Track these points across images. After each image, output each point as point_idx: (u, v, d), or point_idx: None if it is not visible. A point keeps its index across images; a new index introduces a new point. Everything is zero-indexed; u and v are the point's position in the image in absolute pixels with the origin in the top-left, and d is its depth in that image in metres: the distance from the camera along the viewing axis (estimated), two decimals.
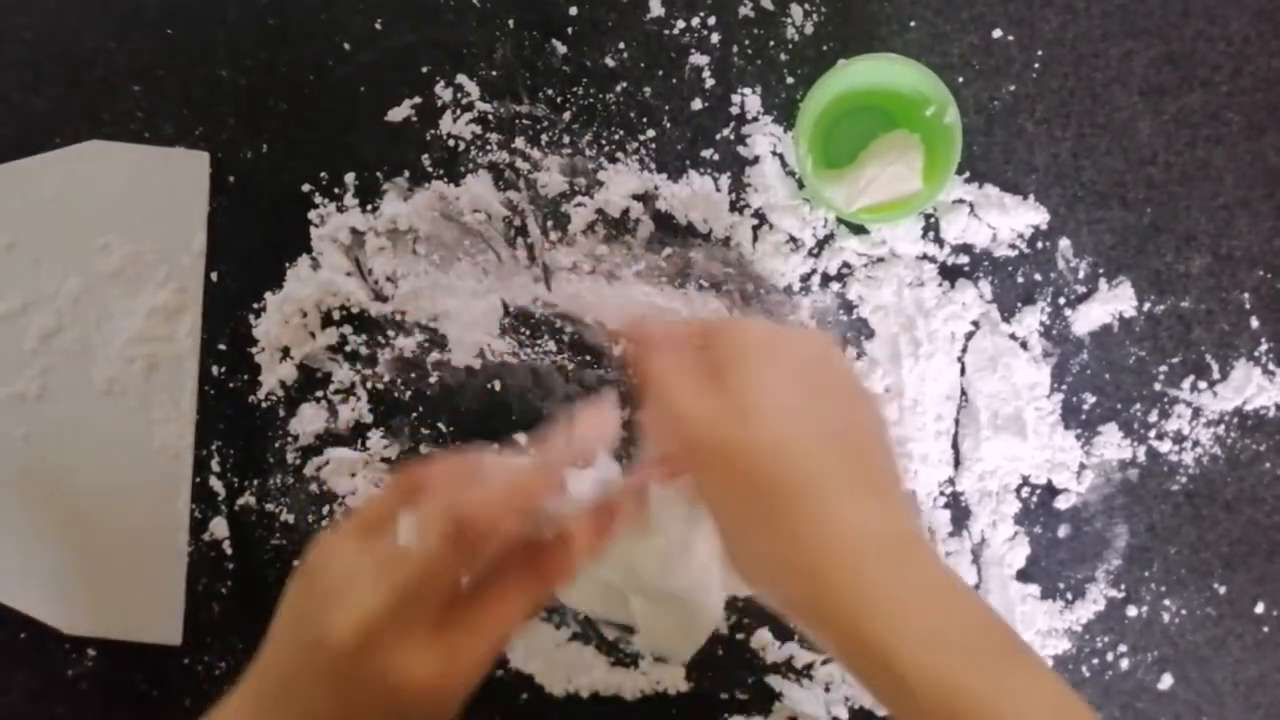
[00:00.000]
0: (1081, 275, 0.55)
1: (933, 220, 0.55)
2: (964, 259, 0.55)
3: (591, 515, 0.39)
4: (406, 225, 0.55)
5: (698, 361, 0.38)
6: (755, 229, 0.55)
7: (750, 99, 0.55)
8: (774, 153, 0.55)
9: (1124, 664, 0.55)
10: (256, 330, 0.56)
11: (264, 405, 0.56)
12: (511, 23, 0.55)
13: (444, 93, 0.55)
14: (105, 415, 0.56)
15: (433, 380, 0.55)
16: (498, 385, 0.55)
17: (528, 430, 0.55)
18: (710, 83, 0.55)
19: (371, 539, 0.36)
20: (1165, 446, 0.55)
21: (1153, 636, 0.55)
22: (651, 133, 0.55)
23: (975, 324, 0.55)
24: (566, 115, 0.55)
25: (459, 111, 0.55)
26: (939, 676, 0.33)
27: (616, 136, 0.55)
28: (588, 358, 0.55)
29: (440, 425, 0.56)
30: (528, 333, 0.55)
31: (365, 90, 0.56)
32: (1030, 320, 0.54)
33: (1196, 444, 0.55)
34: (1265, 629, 0.55)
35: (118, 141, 0.56)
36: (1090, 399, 0.55)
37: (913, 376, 0.54)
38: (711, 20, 0.55)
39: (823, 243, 0.55)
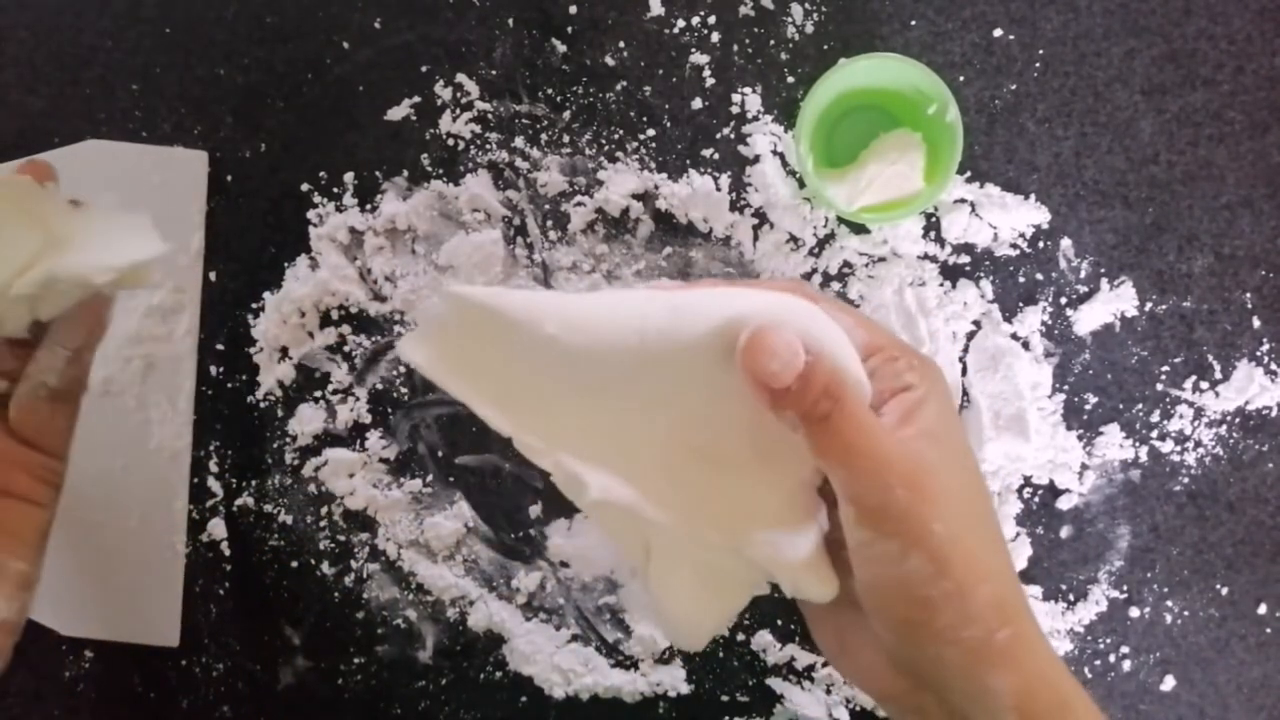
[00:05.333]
0: (1083, 275, 0.54)
1: (934, 220, 0.55)
2: (965, 258, 0.55)
3: None
4: (405, 225, 0.55)
5: None
6: (756, 228, 0.55)
7: (751, 98, 0.55)
8: (774, 152, 0.55)
9: (1126, 665, 0.55)
10: (255, 330, 0.56)
11: (262, 405, 0.56)
12: (511, 21, 0.55)
13: (443, 92, 0.55)
14: (102, 415, 0.56)
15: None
16: None
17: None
18: (710, 82, 0.55)
19: None
20: (1167, 447, 0.55)
21: (1155, 638, 0.55)
22: (651, 132, 0.55)
23: (977, 324, 0.55)
24: (566, 114, 0.55)
25: (458, 111, 0.55)
26: None
27: (616, 136, 0.55)
28: None
29: (439, 426, 0.55)
30: None
31: (364, 89, 0.55)
32: (1032, 320, 0.54)
33: (1199, 444, 0.55)
34: (1268, 630, 0.55)
35: (115, 141, 0.56)
36: (1092, 399, 0.54)
37: None
38: (712, 19, 0.55)
39: (823, 242, 0.55)
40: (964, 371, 0.54)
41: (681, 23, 0.55)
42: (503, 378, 0.38)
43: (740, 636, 0.55)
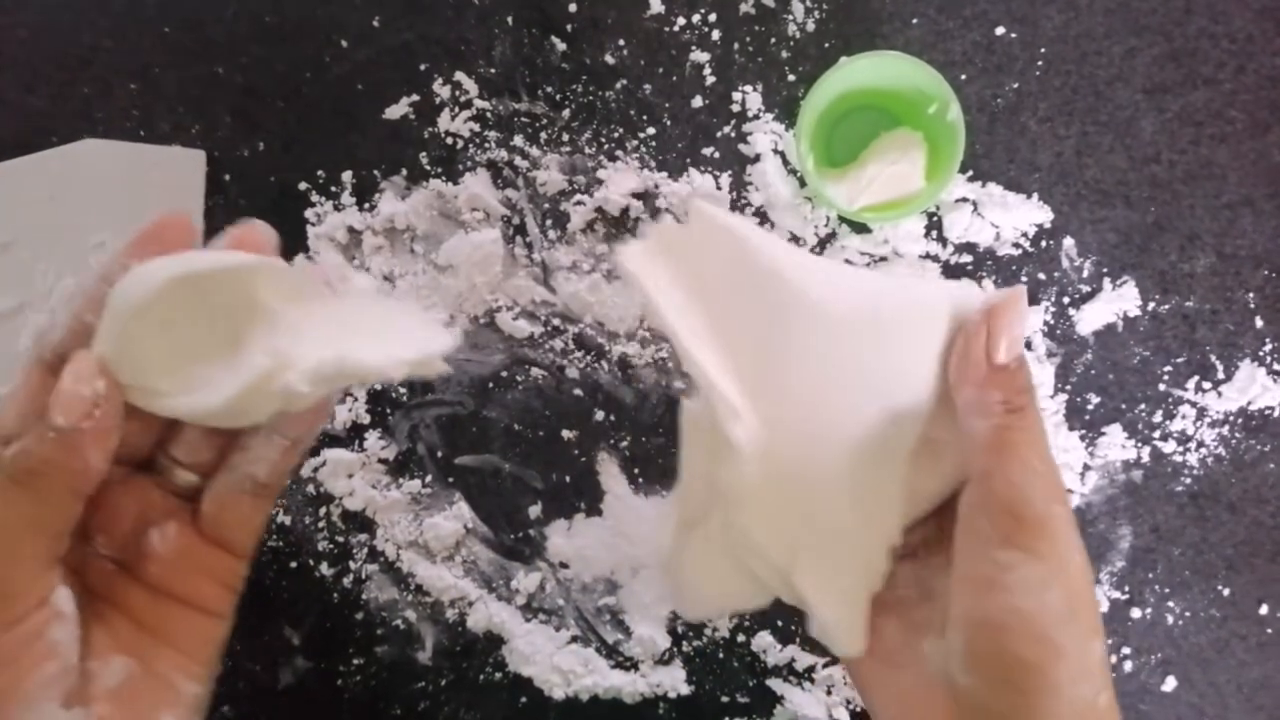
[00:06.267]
0: (1085, 274, 0.54)
1: (935, 219, 0.54)
2: (967, 258, 0.54)
3: None
4: (404, 224, 0.55)
5: None
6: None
7: (751, 97, 0.54)
8: (775, 151, 0.55)
9: (1127, 666, 0.55)
10: None
11: None
12: (510, 20, 0.55)
13: (442, 90, 0.55)
14: None
15: (431, 380, 0.55)
16: (494, 384, 0.55)
17: (529, 441, 0.55)
18: (711, 80, 0.55)
19: None
20: (1169, 447, 0.54)
21: (1156, 638, 0.55)
22: (651, 130, 0.55)
23: None
24: (566, 113, 0.55)
25: (457, 109, 0.55)
26: None
27: (616, 134, 0.55)
28: (589, 356, 0.55)
29: (438, 426, 0.55)
30: (527, 332, 0.55)
31: (363, 88, 0.55)
32: (1034, 320, 0.54)
33: (1201, 444, 0.54)
34: (1269, 630, 0.55)
35: (113, 140, 0.55)
36: (1094, 399, 0.54)
37: None
38: (712, 17, 0.54)
39: (825, 242, 0.55)
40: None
41: (682, 21, 0.55)
42: (717, 312, 0.35)
43: (740, 638, 0.55)
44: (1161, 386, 0.54)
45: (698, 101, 0.55)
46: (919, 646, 0.35)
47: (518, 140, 0.55)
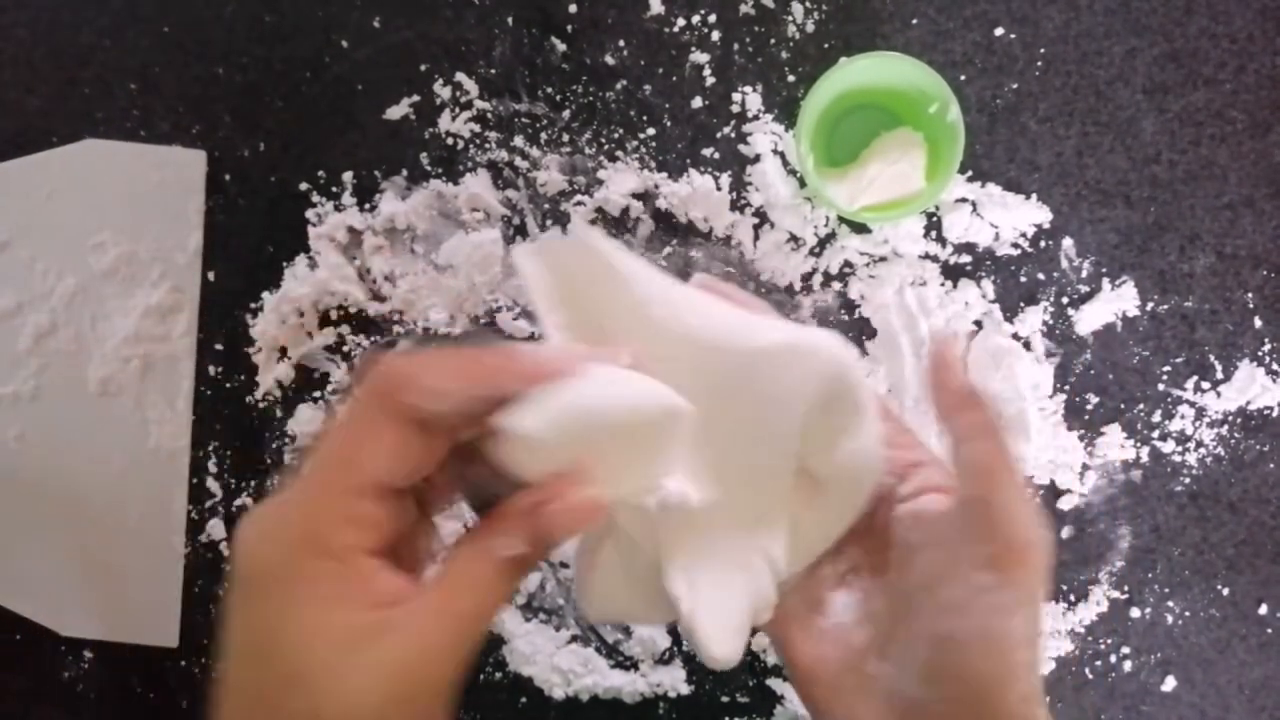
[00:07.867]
0: (1085, 275, 0.54)
1: (935, 219, 0.54)
2: (966, 258, 0.54)
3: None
4: (404, 224, 0.55)
5: None
6: (756, 228, 0.55)
7: (751, 97, 0.54)
8: (775, 151, 0.54)
9: (1127, 666, 0.55)
10: (253, 330, 0.55)
11: (261, 406, 0.56)
12: (510, 20, 0.55)
13: (442, 91, 0.55)
14: (100, 416, 0.56)
15: None
16: None
17: None
18: (711, 81, 0.55)
19: (346, 566, 0.30)
20: (1169, 447, 0.54)
21: (1156, 638, 0.55)
22: (651, 131, 0.55)
23: (978, 324, 0.54)
24: (566, 113, 0.55)
25: (457, 110, 0.55)
26: None
27: (616, 135, 0.55)
28: None
29: None
30: (528, 332, 0.55)
31: (363, 88, 0.55)
32: (1033, 320, 0.54)
33: (1200, 444, 0.54)
34: (1269, 630, 0.55)
35: (113, 140, 0.55)
36: (1093, 399, 0.54)
37: (915, 376, 0.54)
38: (712, 18, 0.54)
39: (824, 241, 0.55)
40: (965, 371, 0.54)
41: (682, 21, 0.55)
42: (591, 327, 0.37)
43: None
44: (1160, 386, 0.55)
45: (698, 102, 0.55)
46: (862, 668, 0.36)
47: (518, 141, 0.55)
